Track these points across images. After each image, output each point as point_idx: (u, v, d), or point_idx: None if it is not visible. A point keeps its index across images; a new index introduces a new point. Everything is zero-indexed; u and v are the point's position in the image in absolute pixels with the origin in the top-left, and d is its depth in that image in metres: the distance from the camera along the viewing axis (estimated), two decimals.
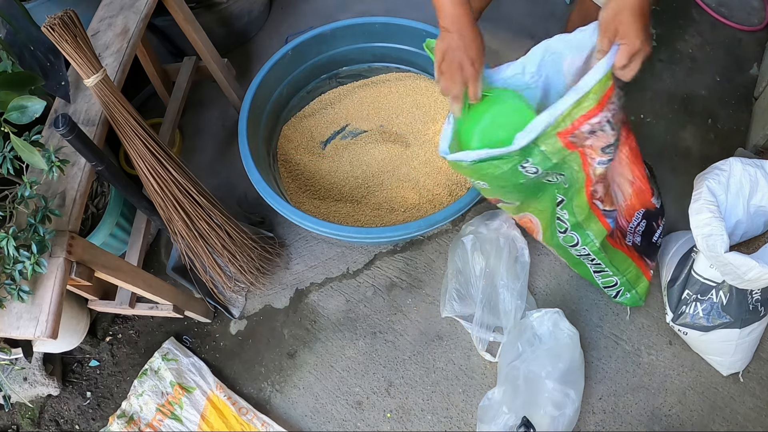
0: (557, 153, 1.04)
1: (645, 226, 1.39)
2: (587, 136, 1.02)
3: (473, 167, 1.08)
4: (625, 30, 0.96)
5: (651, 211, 1.38)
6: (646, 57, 0.98)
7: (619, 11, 0.96)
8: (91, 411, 1.45)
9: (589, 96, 0.97)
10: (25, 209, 0.92)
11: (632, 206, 1.33)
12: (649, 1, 0.97)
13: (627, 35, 0.96)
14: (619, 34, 0.97)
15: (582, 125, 1.00)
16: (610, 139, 1.04)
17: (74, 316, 1.36)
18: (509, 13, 2.04)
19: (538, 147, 1.03)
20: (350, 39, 1.67)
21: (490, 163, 1.05)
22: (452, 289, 1.42)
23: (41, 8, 1.50)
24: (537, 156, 1.04)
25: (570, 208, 1.19)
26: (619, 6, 0.96)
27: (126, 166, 1.71)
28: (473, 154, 1.04)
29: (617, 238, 1.35)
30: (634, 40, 0.95)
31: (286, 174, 1.61)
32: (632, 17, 0.95)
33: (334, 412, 1.39)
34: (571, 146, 1.03)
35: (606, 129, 1.02)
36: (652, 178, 1.49)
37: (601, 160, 1.07)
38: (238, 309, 1.53)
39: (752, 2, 2.02)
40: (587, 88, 0.97)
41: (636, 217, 1.37)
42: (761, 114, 1.64)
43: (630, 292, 1.38)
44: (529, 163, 1.05)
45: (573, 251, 1.32)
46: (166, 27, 1.81)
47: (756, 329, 1.28)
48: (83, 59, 0.98)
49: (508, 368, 1.27)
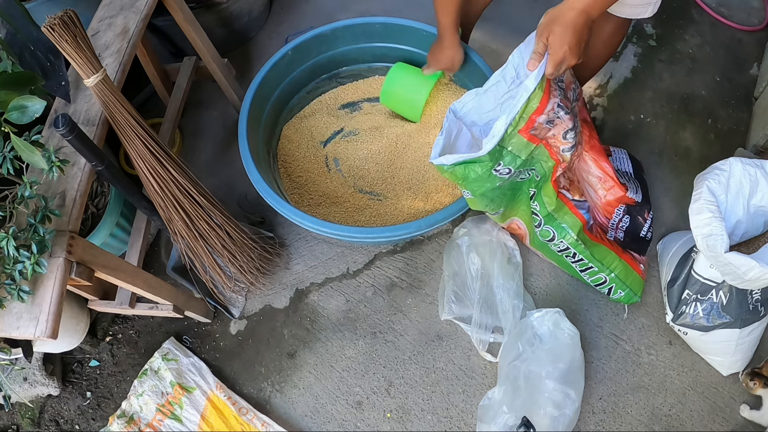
0: (524, 149, 1.15)
1: (629, 222, 1.43)
2: (547, 126, 1.14)
3: (453, 171, 1.18)
4: (553, 40, 1.05)
5: (632, 206, 1.42)
6: (569, 66, 1.08)
7: (552, 21, 1.05)
8: (91, 411, 1.45)
9: (535, 93, 1.09)
10: (25, 209, 0.92)
11: (609, 203, 1.39)
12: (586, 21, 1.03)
13: (552, 46, 1.05)
14: (549, 43, 1.06)
15: (539, 117, 1.12)
16: (568, 123, 1.15)
17: (74, 316, 1.36)
18: (509, 13, 2.04)
19: (505, 148, 1.14)
20: (350, 39, 1.67)
21: (465, 166, 1.16)
22: (450, 292, 1.43)
23: (41, 8, 1.50)
24: (506, 157, 1.15)
25: (540, 199, 1.27)
26: (554, 17, 1.04)
27: (126, 166, 1.71)
28: (451, 157, 1.15)
29: (597, 233, 1.38)
30: (557, 51, 1.04)
31: (286, 174, 1.61)
32: (561, 29, 1.03)
33: (334, 412, 1.39)
34: (535, 140, 1.15)
35: (561, 114, 1.14)
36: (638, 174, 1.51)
37: (564, 147, 1.18)
38: (238, 309, 1.53)
39: (752, 2, 2.02)
40: (531, 89, 1.09)
41: (617, 214, 1.42)
42: (761, 114, 1.64)
43: (622, 289, 1.39)
44: (501, 165, 1.16)
45: (552, 247, 1.35)
46: (166, 27, 1.81)
47: (756, 329, 1.28)
48: (83, 59, 0.98)
49: (508, 368, 1.27)
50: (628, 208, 1.44)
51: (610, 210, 1.42)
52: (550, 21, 1.04)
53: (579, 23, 1.02)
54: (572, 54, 1.04)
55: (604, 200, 1.39)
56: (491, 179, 1.17)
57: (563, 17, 1.02)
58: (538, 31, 1.08)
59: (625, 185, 1.40)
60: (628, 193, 1.39)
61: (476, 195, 1.24)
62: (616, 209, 1.42)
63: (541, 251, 1.44)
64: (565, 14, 1.02)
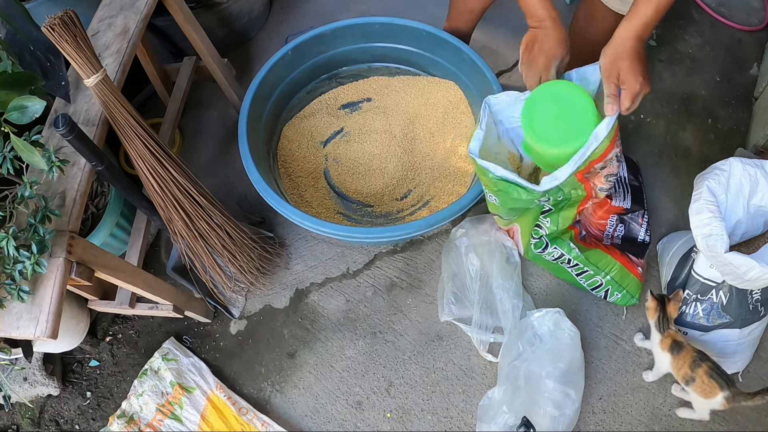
0: (570, 186, 1.14)
1: (624, 230, 1.44)
2: (599, 171, 1.14)
3: (495, 181, 1.16)
4: (625, 75, 1.03)
5: (623, 214, 1.43)
6: (646, 95, 1.06)
7: (617, 58, 1.04)
8: (91, 411, 1.45)
9: (603, 142, 1.07)
10: (25, 209, 0.92)
11: (601, 217, 1.40)
12: (643, 45, 1.04)
13: (627, 80, 1.03)
14: (621, 79, 1.04)
15: (597, 164, 1.11)
16: (615, 169, 1.15)
17: (74, 316, 1.36)
18: (509, 13, 2.04)
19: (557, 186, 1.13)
20: (350, 39, 1.67)
21: (512, 186, 1.14)
22: (449, 293, 1.43)
23: (41, 8, 1.50)
24: (553, 191, 1.14)
25: (555, 218, 1.26)
26: (617, 53, 1.04)
27: (126, 166, 1.71)
28: (501, 170, 1.12)
29: (591, 242, 1.39)
30: (634, 84, 1.03)
31: (285, 174, 1.61)
32: (629, 62, 1.03)
33: (334, 412, 1.38)
34: (584, 181, 1.15)
35: (613, 162, 1.13)
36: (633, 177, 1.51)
37: (602, 187, 1.17)
38: (238, 309, 1.53)
39: (752, 2, 2.02)
40: (603, 137, 1.06)
41: (610, 224, 1.44)
42: (761, 114, 1.64)
43: (619, 291, 1.39)
44: (546, 197, 1.15)
45: (547, 257, 1.38)
46: (166, 27, 1.81)
47: (756, 329, 1.28)
48: (83, 59, 0.98)
49: (508, 368, 1.27)
50: (621, 217, 1.44)
51: (602, 223, 1.43)
52: (615, 58, 1.04)
53: (640, 50, 1.03)
54: (647, 82, 1.04)
55: (591, 211, 1.41)
56: (530, 203, 1.18)
57: (625, 50, 1.02)
58: (604, 73, 1.07)
59: (610, 195, 1.41)
60: (613, 202, 1.40)
61: (504, 207, 1.24)
62: (608, 220, 1.43)
63: (535, 261, 1.44)
64: (626, 47, 1.02)
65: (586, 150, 1.07)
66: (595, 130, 1.07)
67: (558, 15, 1.13)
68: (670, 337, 1.21)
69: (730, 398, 1.13)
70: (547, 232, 1.29)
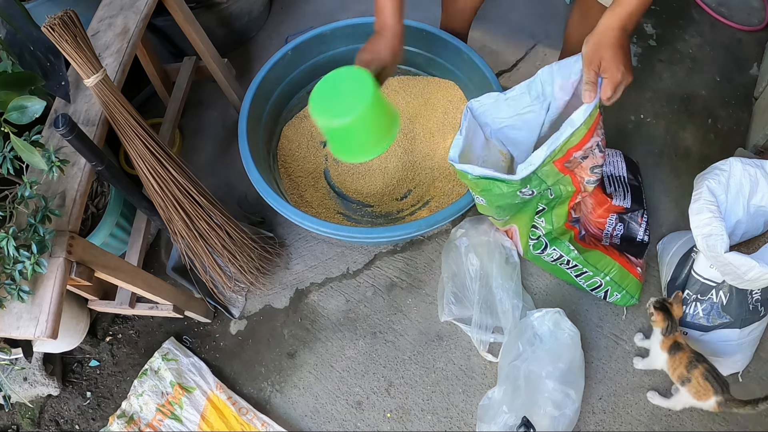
0: (552, 176, 1.15)
1: (623, 229, 1.44)
2: (580, 161, 1.14)
3: (476, 181, 1.17)
4: (607, 65, 1.03)
5: (623, 213, 1.43)
6: (628, 85, 1.06)
7: (600, 47, 1.04)
8: (91, 411, 1.45)
9: (580, 128, 1.08)
10: (25, 209, 0.92)
11: (600, 215, 1.40)
12: (627, 35, 1.04)
13: (608, 69, 1.03)
14: (602, 68, 1.04)
15: (576, 152, 1.11)
16: (599, 161, 1.16)
17: (74, 316, 1.36)
18: (509, 13, 2.04)
19: (535, 174, 1.14)
20: (350, 39, 1.67)
21: (491, 182, 1.15)
22: (449, 293, 1.43)
23: (41, 8, 1.50)
24: (534, 181, 1.15)
25: (549, 217, 1.27)
26: (599, 42, 1.04)
27: (126, 166, 1.71)
28: (478, 169, 1.14)
29: (590, 242, 1.39)
30: (615, 74, 1.03)
31: (285, 174, 1.61)
32: (612, 51, 1.03)
33: (334, 412, 1.38)
34: (566, 171, 1.15)
35: (595, 152, 1.14)
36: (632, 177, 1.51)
37: (589, 179, 1.18)
38: (238, 309, 1.53)
39: (752, 2, 2.02)
40: (579, 123, 1.07)
41: (609, 223, 1.44)
42: (761, 114, 1.64)
43: (619, 291, 1.39)
44: (527, 188, 1.16)
45: (546, 258, 1.37)
46: (166, 27, 1.81)
47: (756, 329, 1.28)
48: (83, 59, 0.98)
49: (508, 368, 1.27)
50: (620, 216, 1.44)
51: (601, 221, 1.43)
52: (596, 47, 1.04)
53: (623, 40, 1.03)
54: (628, 72, 1.04)
55: (591, 209, 1.41)
56: (513, 197, 1.18)
57: (607, 39, 1.02)
58: (585, 61, 1.07)
59: (610, 194, 1.41)
60: (613, 201, 1.40)
61: (491, 206, 1.25)
62: (607, 219, 1.43)
63: (534, 262, 1.44)
64: (608, 36, 1.02)
65: (560, 135, 1.08)
66: (572, 116, 1.07)
67: (401, 31, 1.17)
68: (673, 338, 1.21)
69: (722, 403, 1.13)
70: (545, 231, 1.30)
